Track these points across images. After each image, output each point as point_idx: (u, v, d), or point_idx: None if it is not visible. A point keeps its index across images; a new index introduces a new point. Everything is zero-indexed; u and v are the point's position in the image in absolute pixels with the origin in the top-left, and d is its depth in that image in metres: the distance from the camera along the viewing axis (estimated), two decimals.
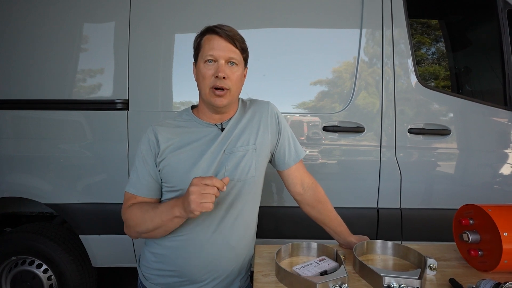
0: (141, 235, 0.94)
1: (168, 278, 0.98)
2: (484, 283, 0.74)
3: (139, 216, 0.91)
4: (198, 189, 0.78)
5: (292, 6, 1.57)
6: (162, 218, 0.88)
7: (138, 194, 0.96)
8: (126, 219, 0.95)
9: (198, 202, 0.78)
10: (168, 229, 0.91)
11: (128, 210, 0.94)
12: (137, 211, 0.92)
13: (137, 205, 0.94)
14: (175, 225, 0.89)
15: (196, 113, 1.03)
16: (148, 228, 0.90)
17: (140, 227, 0.91)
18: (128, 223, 0.94)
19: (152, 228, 0.90)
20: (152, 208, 0.90)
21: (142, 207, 0.93)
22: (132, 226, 0.93)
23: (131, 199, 0.97)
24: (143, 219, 0.90)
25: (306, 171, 1.12)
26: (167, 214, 0.87)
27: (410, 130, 1.56)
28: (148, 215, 0.90)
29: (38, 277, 1.67)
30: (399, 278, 0.77)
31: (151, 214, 0.89)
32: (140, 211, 0.92)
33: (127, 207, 0.96)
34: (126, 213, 0.95)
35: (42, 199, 1.61)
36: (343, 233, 1.07)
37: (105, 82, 1.59)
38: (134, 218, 0.92)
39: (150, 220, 0.89)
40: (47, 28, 1.59)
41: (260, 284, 0.84)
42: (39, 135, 1.60)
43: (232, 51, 0.94)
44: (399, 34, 1.56)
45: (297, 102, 1.59)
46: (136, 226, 0.92)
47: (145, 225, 0.90)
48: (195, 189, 0.78)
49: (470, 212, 0.93)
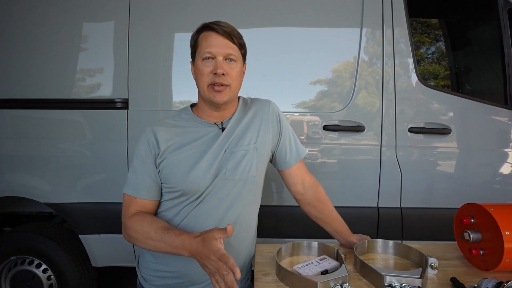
0: (139, 245, 0.92)
1: (168, 280, 0.97)
2: (486, 282, 0.74)
3: (143, 235, 0.88)
4: (216, 267, 0.74)
5: (292, 6, 1.56)
6: (167, 250, 0.85)
7: (137, 196, 0.94)
8: (127, 228, 0.92)
9: (211, 273, 0.75)
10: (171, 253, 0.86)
11: (130, 220, 0.92)
12: (140, 228, 0.89)
13: (141, 220, 0.91)
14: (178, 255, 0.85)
15: (196, 112, 1.02)
16: (149, 247, 0.89)
17: (141, 244, 0.90)
18: (129, 233, 0.92)
19: (154, 249, 0.88)
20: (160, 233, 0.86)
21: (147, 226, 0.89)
22: (133, 238, 0.91)
23: (132, 203, 0.94)
24: (147, 240, 0.88)
25: (307, 170, 1.11)
26: (175, 249, 0.83)
27: (410, 129, 1.55)
28: (153, 241, 0.87)
29: (37, 276, 1.67)
30: (400, 277, 0.77)
31: (157, 241, 0.86)
32: (143, 232, 0.88)
33: (129, 214, 0.93)
34: (128, 222, 0.92)
35: (41, 198, 1.61)
36: (344, 233, 1.06)
37: (105, 81, 1.58)
38: (137, 234, 0.90)
39: (154, 245, 0.87)
40: (47, 27, 1.59)
41: (261, 283, 0.83)
42: (38, 134, 1.60)
43: (230, 47, 0.93)
44: (399, 34, 1.55)
45: (297, 102, 1.59)
46: (137, 241, 0.90)
47: (147, 246, 0.89)
48: (213, 265, 0.74)
49: (471, 211, 0.93)
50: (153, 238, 0.87)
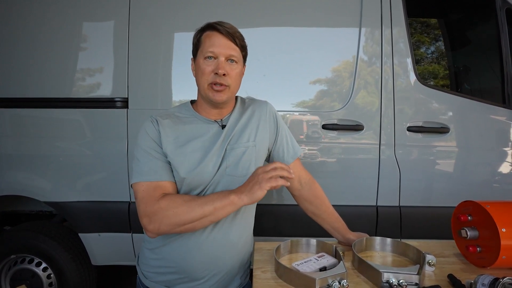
0: (174, 229, 0.87)
1: (167, 275, 0.98)
2: (483, 278, 0.75)
3: (183, 203, 0.86)
4: (263, 170, 0.84)
5: (291, 5, 1.57)
6: (214, 205, 0.84)
7: (161, 180, 0.90)
8: (160, 210, 0.86)
9: (266, 178, 0.82)
10: (214, 219, 0.87)
11: (164, 199, 0.86)
12: (178, 198, 0.88)
13: (173, 195, 0.89)
14: (225, 214, 0.86)
15: (195, 108, 1.03)
16: (194, 217, 0.85)
17: (183, 216, 0.85)
18: (165, 213, 0.85)
19: (199, 217, 0.85)
20: (199, 197, 0.88)
21: (183, 196, 0.89)
22: (169, 216, 0.85)
23: (157, 188, 0.89)
24: (190, 207, 0.85)
25: (303, 168, 1.13)
26: (222, 200, 0.84)
27: (409, 128, 1.56)
28: (196, 202, 0.86)
29: (37, 275, 1.67)
30: (398, 274, 0.78)
31: (200, 201, 0.86)
32: (183, 199, 0.87)
33: (156, 197, 0.87)
34: (161, 203, 0.86)
35: (41, 197, 1.61)
36: (341, 230, 1.07)
37: (105, 80, 1.59)
38: (175, 206, 0.85)
39: (199, 206, 0.85)
40: (47, 27, 1.60)
41: (260, 280, 0.84)
42: (38, 133, 1.60)
43: (232, 48, 0.94)
44: (398, 33, 1.56)
45: (296, 101, 1.60)
46: (177, 216, 0.85)
47: (192, 214, 0.85)
48: (260, 170, 0.84)
49: (468, 208, 0.94)
50: (198, 201, 0.86)
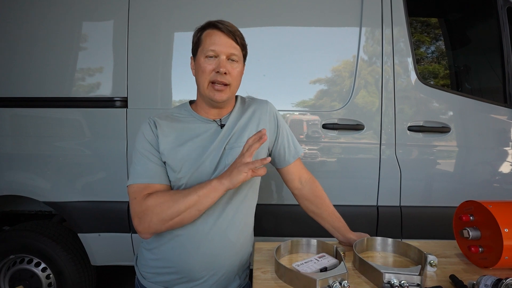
0: (163, 225, 0.87)
1: (166, 276, 0.97)
2: (485, 279, 0.74)
3: (168, 198, 0.86)
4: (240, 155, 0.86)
5: (291, 5, 1.57)
6: (198, 193, 0.85)
7: (152, 182, 0.90)
8: (148, 208, 0.87)
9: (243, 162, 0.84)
10: (201, 207, 0.87)
11: (150, 197, 0.87)
12: (163, 194, 0.88)
13: (159, 192, 0.89)
14: (211, 201, 0.87)
15: (194, 108, 1.03)
16: (179, 210, 0.85)
17: (170, 210, 0.85)
18: (152, 210, 0.86)
19: (184, 208, 0.85)
20: (183, 190, 0.89)
21: (168, 191, 0.90)
22: (157, 213, 0.86)
23: (146, 189, 0.90)
24: (174, 199, 0.86)
25: (303, 167, 1.13)
26: (204, 187, 0.86)
27: (409, 128, 1.55)
28: (180, 194, 0.86)
29: (36, 275, 1.66)
30: (399, 275, 0.77)
31: (184, 192, 0.86)
32: (168, 194, 0.88)
33: (143, 197, 0.88)
34: (147, 201, 0.87)
35: (40, 197, 1.61)
36: (342, 229, 1.06)
37: (104, 80, 1.58)
38: (161, 202, 0.86)
39: (184, 197, 0.85)
40: (47, 26, 1.59)
41: (260, 281, 0.83)
42: (38, 133, 1.59)
43: (233, 47, 0.94)
44: (398, 33, 1.56)
45: (297, 101, 1.59)
46: (164, 211, 0.85)
47: (177, 206, 0.85)
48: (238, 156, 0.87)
49: (470, 208, 0.93)
50: (181, 193, 0.87)
